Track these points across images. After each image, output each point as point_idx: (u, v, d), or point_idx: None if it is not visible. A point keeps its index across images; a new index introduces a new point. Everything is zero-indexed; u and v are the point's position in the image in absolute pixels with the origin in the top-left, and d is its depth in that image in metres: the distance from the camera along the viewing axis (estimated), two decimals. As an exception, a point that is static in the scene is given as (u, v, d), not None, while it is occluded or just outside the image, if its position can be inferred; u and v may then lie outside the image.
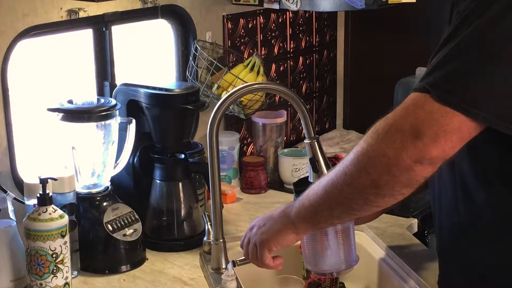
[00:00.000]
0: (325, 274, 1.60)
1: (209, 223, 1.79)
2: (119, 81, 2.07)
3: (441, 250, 1.51)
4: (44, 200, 1.60)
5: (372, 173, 1.25)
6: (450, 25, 1.25)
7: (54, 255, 1.60)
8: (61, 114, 1.78)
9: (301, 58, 2.76)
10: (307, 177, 1.61)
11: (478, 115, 1.19)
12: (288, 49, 2.70)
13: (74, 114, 1.78)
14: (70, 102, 1.80)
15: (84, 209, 1.79)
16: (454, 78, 1.20)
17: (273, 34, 2.60)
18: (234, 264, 1.63)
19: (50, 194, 1.62)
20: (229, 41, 2.42)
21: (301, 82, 2.79)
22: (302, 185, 1.49)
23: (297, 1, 2.20)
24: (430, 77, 1.21)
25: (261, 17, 2.54)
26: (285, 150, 2.42)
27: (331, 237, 1.52)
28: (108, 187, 1.84)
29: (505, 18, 1.18)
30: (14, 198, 1.78)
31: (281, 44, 2.65)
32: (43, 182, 1.61)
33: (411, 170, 1.21)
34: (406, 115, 1.21)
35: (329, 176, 1.35)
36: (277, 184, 2.39)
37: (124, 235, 1.79)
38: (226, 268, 1.67)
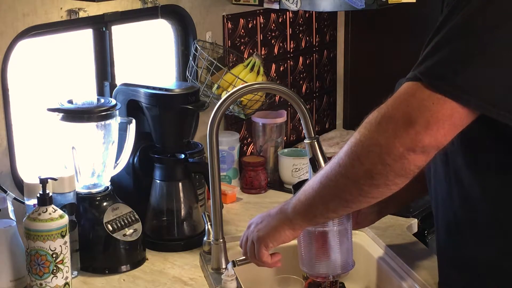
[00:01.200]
0: (322, 277, 1.60)
1: (209, 223, 1.79)
2: (119, 81, 2.07)
3: (439, 249, 1.51)
4: (44, 200, 1.60)
5: (366, 163, 1.26)
6: (441, 15, 1.27)
7: (54, 255, 1.60)
8: (61, 114, 1.78)
9: (301, 58, 2.76)
10: (307, 179, 1.61)
11: (469, 102, 1.19)
12: (288, 49, 2.70)
13: (74, 114, 1.78)
14: (70, 102, 1.80)
15: (84, 209, 1.79)
16: (444, 65, 1.21)
17: (273, 34, 2.60)
18: (234, 264, 1.63)
19: (50, 194, 1.62)
20: (229, 41, 2.42)
21: (301, 82, 2.79)
22: (301, 187, 1.49)
23: (297, 1, 2.20)
24: (422, 66, 1.23)
25: (261, 17, 2.54)
26: (285, 150, 2.42)
27: (328, 240, 1.52)
28: (108, 187, 1.84)
29: (492, 4, 1.20)
30: (14, 198, 1.78)
31: (281, 44, 2.65)
32: (43, 182, 1.61)
33: (404, 158, 1.22)
34: (399, 104, 1.23)
35: (324, 169, 1.36)
36: (277, 184, 2.39)
37: (124, 235, 1.79)
38: (226, 268, 1.67)
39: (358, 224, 1.68)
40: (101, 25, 2.04)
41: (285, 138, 2.50)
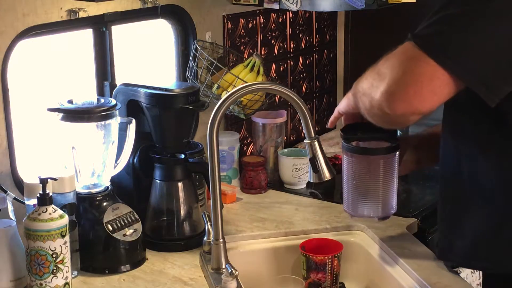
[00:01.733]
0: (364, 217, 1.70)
1: (209, 223, 1.79)
2: (119, 81, 2.07)
3: (444, 216, 1.58)
4: (44, 200, 1.60)
5: (368, 94, 1.45)
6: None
7: (54, 255, 1.60)
8: (61, 114, 1.78)
9: (301, 58, 2.76)
10: (356, 124, 1.65)
11: (445, 63, 1.29)
12: (288, 49, 2.70)
13: (74, 114, 1.78)
14: (70, 102, 1.80)
15: (84, 209, 1.79)
16: (432, 27, 1.34)
17: (273, 34, 2.61)
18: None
19: (50, 194, 1.62)
20: (229, 41, 2.42)
21: (301, 82, 2.79)
22: (351, 130, 1.63)
23: (297, 1, 2.20)
24: (416, 30, 1.36)
25: (261, 17, 2.54)
26: (285, 150, 2.42)
27: (375, 181, 1.61)
28: (108, 187, 1.84)
29: None
30: (14, 198, 1.78)
31: (281, 44, 2.65)
32: (43, 182, 1.61)
33: (385, 107, 1.36)
34: (389, 59, 1.40)
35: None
36: (277, 184, 2.39)
37: (124, 235, 1.79)
38: (226, 268, 1.67)
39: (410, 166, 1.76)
40: (101, 25, 2.04)
41: (285, 138, 2.50)
